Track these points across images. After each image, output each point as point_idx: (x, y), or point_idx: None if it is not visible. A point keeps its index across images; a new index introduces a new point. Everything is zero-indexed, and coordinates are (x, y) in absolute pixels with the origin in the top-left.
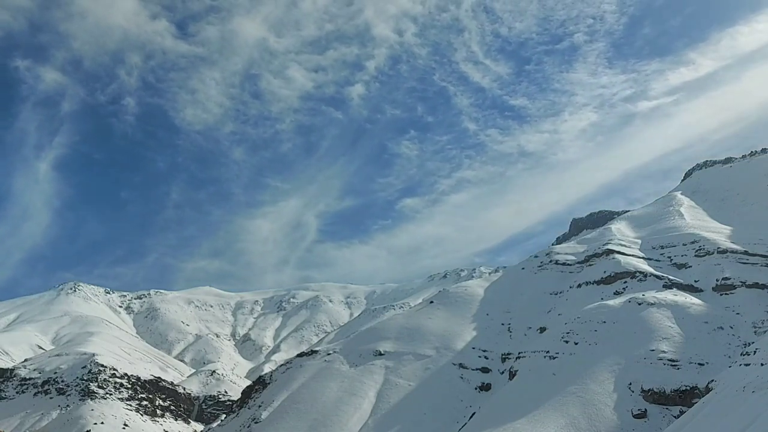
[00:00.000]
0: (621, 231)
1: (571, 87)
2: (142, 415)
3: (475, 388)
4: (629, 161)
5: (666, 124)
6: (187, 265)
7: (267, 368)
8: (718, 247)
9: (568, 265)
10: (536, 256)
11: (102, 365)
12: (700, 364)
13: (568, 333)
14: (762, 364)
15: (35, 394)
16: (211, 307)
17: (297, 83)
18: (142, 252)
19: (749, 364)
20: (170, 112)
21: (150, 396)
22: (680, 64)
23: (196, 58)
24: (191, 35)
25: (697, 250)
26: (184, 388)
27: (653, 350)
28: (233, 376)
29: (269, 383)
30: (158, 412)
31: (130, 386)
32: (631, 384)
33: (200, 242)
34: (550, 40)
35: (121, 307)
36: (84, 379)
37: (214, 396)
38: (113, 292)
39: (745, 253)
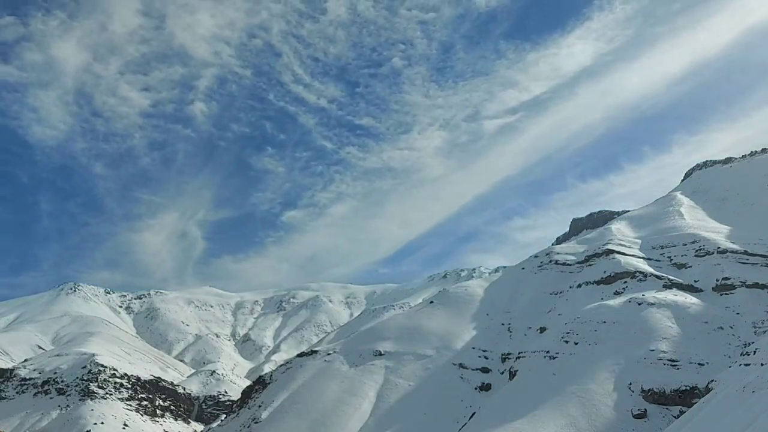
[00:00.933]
0: (621, 231)
1: (410, 108)
2: (142, 415)
3: (475, 388)
4: (496, 174)
5: (518, 140)
6: (83, 275)
7: (267, 368)
8: (718, 247)
9: (568, 265)
10: (536, 256)
11: (102, 365)
12: (700, 364)
13: (568, 333)
14: (762, 364)
15: (35, 394)
16: (211, 307)
17: (133, 102)
18: (35, 261)
19: (749, 364)
20: (18, 129)
21: (150, 396)
22: (508, 85)
23: (26, 80)
24: (14, 60)
25: (697, 250)
26: (184, 388)
27: (653, 350)
28: (233, 376)
29: (269, 383)
30: (158, 412)
31: (130, 386)
32: (631, 384)
33: (92, 253)
34: (370, 64)
35: (121, 307)
36: (84, 379)
37: (214, 396)
38: (113, 292)
39: (745, 253)
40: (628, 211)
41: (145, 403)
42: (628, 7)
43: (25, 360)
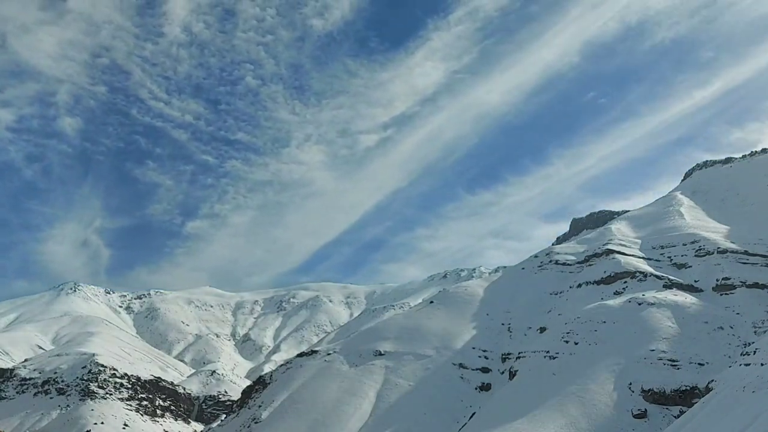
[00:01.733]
0: (621, 231)
1: (282, 124)
2: (142, 415)
3: (475, 388)
4: (386, 185)
5: (396, 152)
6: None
7: (267, 368)
8: (718, 247)
9: (568, 265)
10: (536, 256)
11: (102, 365)
12: (700, 364)
13: (568, 333)
14: (762, 364)
15: (35, 394)
16: (211, 307)
17: None
18: None
19: (749, 364)
20: None
21: (150, 396)
22: (373, 103)
23: None
24: None
25: (697, 250)
26: (184, 388)
27: (653, 350)
28: (233, 376)
29: (269, 383)
30: (158, 412)
31: (130, 386)
32: (631, 384)
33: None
34: (223, 82)
35: (121, 307)
36: (84, 379)
37: (214, 396)
38: (113, 292)
39: (745, 253)
40: (628, 211)
41: (145, 403)
42: (462, 26)
43: (25, 360)
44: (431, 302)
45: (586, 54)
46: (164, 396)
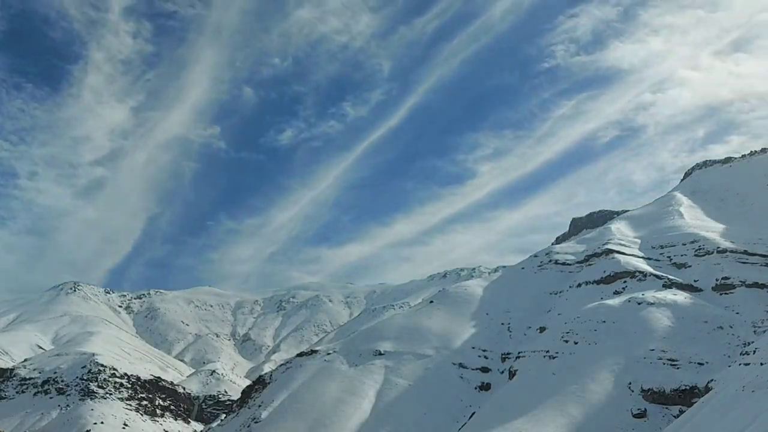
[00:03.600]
0: (620, 231)
1: None
2: (142, 414)
3: (475, 388)
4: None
5: None
6: None
7: (267, 368)
8: (718, 247)
9: (568, 264)
10: (536, 256)
11: (102, 365)
12: (699, 363)
13: (567, 333)
14: (762, 364)
15: (35, 394)
16: (211, 306)
17: None
18: None
19: (749, 364)
20: None
21: (150, 396)
22: None
23: None
24: None
25: (696, 250)
26: (184, 388)
27: (653, 350)
28: (233, 375)
29: (269, 383)
30: (158, 411)
31: (130, 386)
32: (631, 384)
33: None
34: None
35: (121, 306)
36: (84, 379)
37: (214, 396)
38: (113, 292)
39: (745, 252)
40: (628, 210)
41: (145, 402)
42: None
43: (25, 360)
44: (431, 302)
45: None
46: (164, 396)
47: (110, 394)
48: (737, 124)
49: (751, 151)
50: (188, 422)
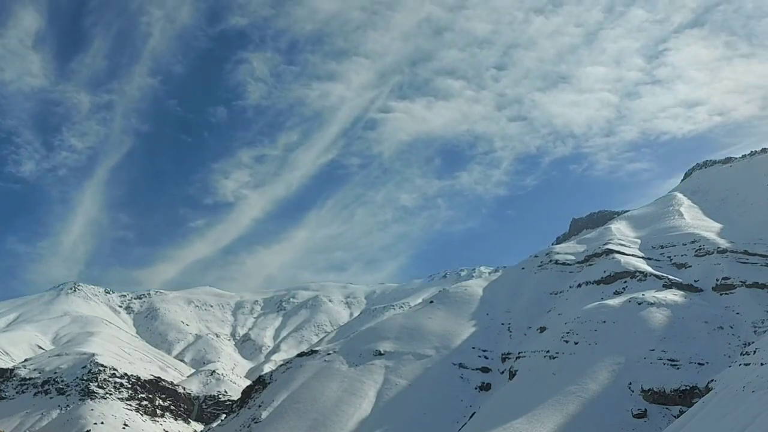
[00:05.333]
0: (621, 231)
1: None
2: (142, 415)
3: (475, 388)
4: None
5: None
6: None
7: (267, 368)
8: (718, 247)
9: (568, 264)
10: (536, 256)
11: (102, 365)
12: (700, 364)
13: (568, 333)
14: (762, 364)
15: (35, 394)
16: (211, 306)
17: None
18: None
19: (749, 364)
20: None
21: (150, 396)
22: None
23: None
24: None
25: (696, 250)
26: (184, 388)
27: (653, 350)
28: (233, 376)
29: (269, 383)
30: (158, 412)
31: (130, 386)
32: (631, 384)
33: None
34: None
35: (121, 307)
36: (84, 379)
37: (214, 396)
38: (113, 292)
39: (745, 253)
40: (628, 210)
41: (145, 403)
42: None
43: (25, 360)
44: (431, 302)
45: None
46: (164, 396)
47: (110, 394)
48: None
49: (751, 151)
50: (188, 422)
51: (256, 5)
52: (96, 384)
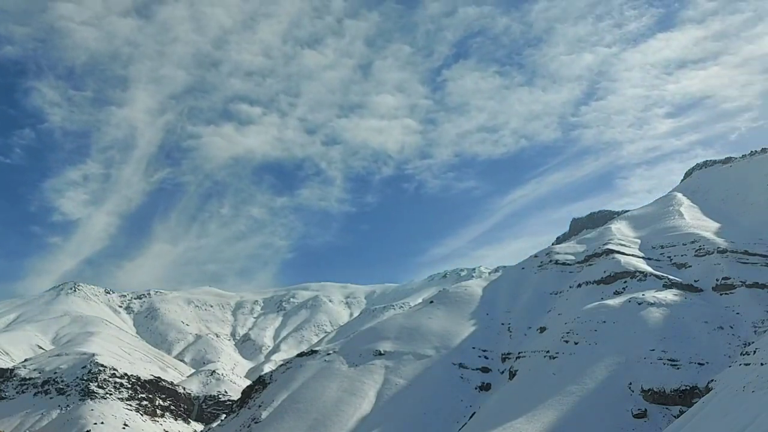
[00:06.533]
0: (621, 231)
1: None
2: (142, 415)
3: (475, 388)
4: None
5: None
6: None
7: (267, 368)
8: (718, 247)
9: (568, 264)
10: (536, 256)
11: (102, 365)
12: (700, 364)
13: (568, 333)
14: (762, 364)
15: (35, 394)
16: (211, 307)
17: None
18: None
19: (749, 364)
20: None
21: (150, 396)
22: None
23: None
24: None
25: (696, 250)
26: (184, 388)
27: (653, 350)
28: (233, 376)
29: (269, 383)
30: (158, 412)
31: (130, 386)
32: (631, 384)
33: None
34: None
35: (121, 307)
36: (84, 379)
37: (214, 396)
38: (113, 292)
39: (745, 253)
40: (628, 210)
41: (145, 403)
42: None
43: (25, 360)
44: (431, 302)
45: None
46: (164, 396)
47: (110, 394)
48: None
49: (751, 151)
50: (188, 422)
51: (21, 37)
52: (96, 384)
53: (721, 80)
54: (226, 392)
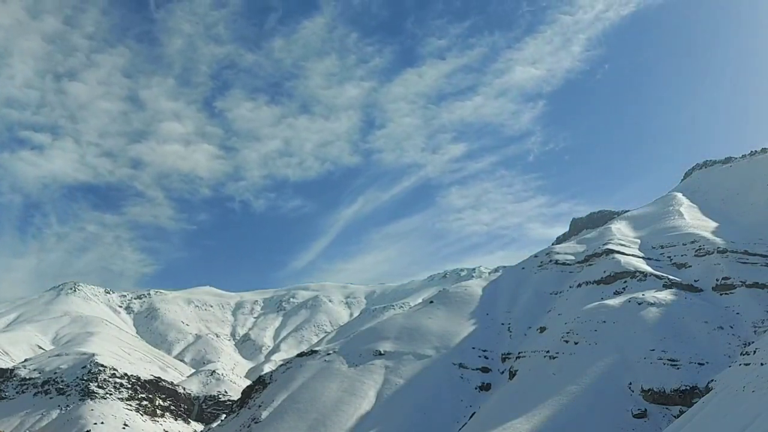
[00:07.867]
0: (621, 231)
1: None
2: (142, 415)
3: (475, 388)
4: None
5: None
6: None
7: (267, 368)
8: (718, 247)
9: (568, 264)
10: (536, 256)
11: (102, 365)
12: (700, 363)
13: (568, 333)
14: (762, 364)
15: (35, 394)
16: (211, 307)
17: None
18: None
19: (749, 364)
20: None
21: (150, 396)
22: None
23: None
24: None
25: (696, 250)
26: (184, 388)
27: (653, 350)
28: (233, 376)
29: (269, 383)
30: (158, 412)
31: (130, 386)
32: (631, 384)
33: None
34: None
35: (121, 307)
36: (84, 379)
37: (214, 396)
38: (113, 292)
39: (745, 252)
40: (628, 210)
41: (145, 403)
42: None
43: (25, 360)
44: (431, 302)
45: None
46: (164, 396)
47: (110, 394)
48: None
49: (752, 151)
50: (188, 422)
51: None
52: (96, 384)
53: (491, 109)
54: (226, 392)
